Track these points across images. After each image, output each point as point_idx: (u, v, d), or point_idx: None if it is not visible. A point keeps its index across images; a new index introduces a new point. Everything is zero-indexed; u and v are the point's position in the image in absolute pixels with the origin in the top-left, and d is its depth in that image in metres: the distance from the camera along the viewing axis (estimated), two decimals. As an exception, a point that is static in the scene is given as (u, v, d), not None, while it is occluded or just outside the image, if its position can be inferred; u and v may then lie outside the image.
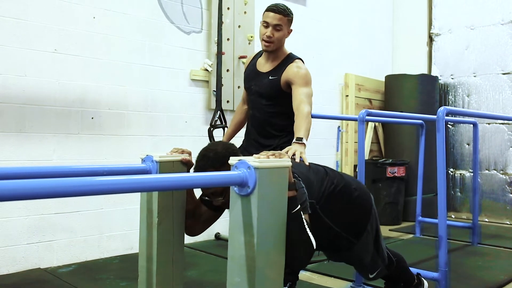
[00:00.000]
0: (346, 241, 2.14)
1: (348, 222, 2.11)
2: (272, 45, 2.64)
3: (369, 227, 2.18)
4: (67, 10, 3.44)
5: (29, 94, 3.27)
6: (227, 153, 1.80)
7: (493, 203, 5.64)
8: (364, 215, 2.19)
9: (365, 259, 2.24)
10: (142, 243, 1.98)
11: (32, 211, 3.28)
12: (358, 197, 2.16)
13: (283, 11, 2.62)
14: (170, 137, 4.01)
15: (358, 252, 2.19)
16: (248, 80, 2.83)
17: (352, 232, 2.13)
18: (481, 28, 5.81)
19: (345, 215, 2.09)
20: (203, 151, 1.89)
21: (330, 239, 2.11)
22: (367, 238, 2.18)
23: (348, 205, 2.11)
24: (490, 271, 3.46)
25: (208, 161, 1.83)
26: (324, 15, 5.47)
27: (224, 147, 1.89)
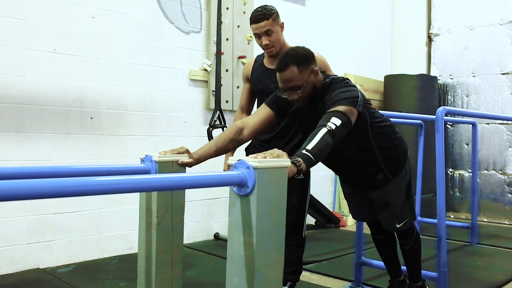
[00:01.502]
0: (383, 176, 2.26)
1: (388, 155, 2.25)
2: (274, 48, 2.62)
3: (403, 170, 2.31)
4: (66, 10, 3.44)
5: (28, 94, 3.27)
6: (308, 53, 2.08)
7: (492, 203, 5.65)
8: (402, 156, 2.34)
9: (396, 203, 2.31)
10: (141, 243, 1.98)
11: (31, 211, 3.28)
12: (400, 139, 2.34)
13: (263, 17, 2.56)
14: (169, 137, 4.01)
15: (391, 191, 2.29)
16: (260, 81, 2.73)
17: (389, 167, 2.26)
18: (480, 28, 5.82)
19: (387, 147, 2.24)
20: (285, 51, 2.11)
21: (370, 171, 2.25)
22: (401, 180, 2.31)
23: (391, 140, 2.28)
24: (489, 271, 3.46)
25: (291, 58, 2.03)
26: (323, 15, 5.47)
27: (304, 49, 2.10)
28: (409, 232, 2.46)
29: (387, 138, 2.25)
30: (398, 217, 2.34)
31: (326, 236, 4.65)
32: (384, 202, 2.32)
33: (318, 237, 4.55)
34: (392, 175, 2.27)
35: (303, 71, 2.05)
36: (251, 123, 2.15)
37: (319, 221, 5.07)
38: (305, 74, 2.05)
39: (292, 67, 2.02)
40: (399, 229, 2.39)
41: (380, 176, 2.25)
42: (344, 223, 5.17)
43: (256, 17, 2.58)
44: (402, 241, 2.50)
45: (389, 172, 2.26)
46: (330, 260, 3.66)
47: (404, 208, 2.34)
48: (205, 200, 4.26)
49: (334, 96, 2.00)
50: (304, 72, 2.05)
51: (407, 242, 2.48)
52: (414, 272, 2.59)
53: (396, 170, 2.28)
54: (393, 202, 2.31)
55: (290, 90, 2.06)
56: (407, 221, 2.36)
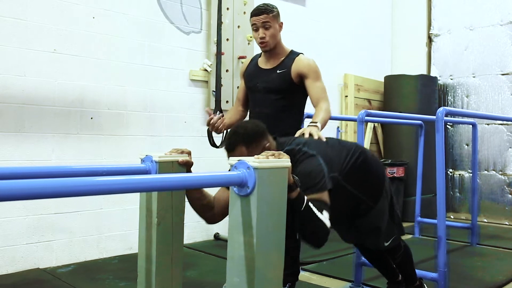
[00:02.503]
0: (365, 205, 2.23)
1: (366, 187, 2.21)
2: (268, 43, 2.69)
3: (384, 192, 2.28)
4: (66, 10, 3.44)
5: (28, 94, 3.27)
6: (258, 130, 1.93)
7: (492, 204, 5.65)
8: (379, 180, 2.30)
9: (381, 225, 2.30)
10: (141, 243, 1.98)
11: (31, 211, 3.28)
12: (373, 164, 2.28)
13: (265, 10, 2.67)
14: (169, 137, 4.01)
15: (375, 216, 2.27)
16: (251, 79, 2.81)
17: (370, 196, 2.23)
18: (480, 28, 5.82)
19: (363, 180, 2.19)
20: (234, 128, 1.99)
21: (351, 205, 2.20)
22: (383, 203, 2.28)
23: (365, 171, 2.20)
24: (489, 271, 3.46)
25: (239, 137, 1.91)
26: (323, 15, 5.47)
27: (254, 124, 1.98)
28: (396, 248, 2.44)
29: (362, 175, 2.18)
30: (385, 236, 2.34)
31: (326, 236, 4.64)
32: (370, 227, 2.31)
33: (318, 238, 4.55)
34: (374, 202, 2.24)
35: (253, 150, 1.88)
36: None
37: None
38: (255, 153, 1.78)
39: (240, 148, 1.90)
40: (388, 247, 2.38)
41: (362, 206, 2.23)
42: (344, 224, 5.16)
43: (258, 10, 2.69)
44: (390, 256, 2.51)
45: (370, 201, 2.23)
46: (330, 261, 3.66)
47: (390, 227, 2.33)
48: (205, 200, 4.25)
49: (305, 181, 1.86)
50: (254, 151, 1.87)
51: (396, 257, 2.49)
52: (409, 277, 2.59)
53: (377, 196, 2.25)
54: (379, 225, 2.30)
55: None
56: (394, 238, 2.36)
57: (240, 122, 2.09)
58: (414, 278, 2.60)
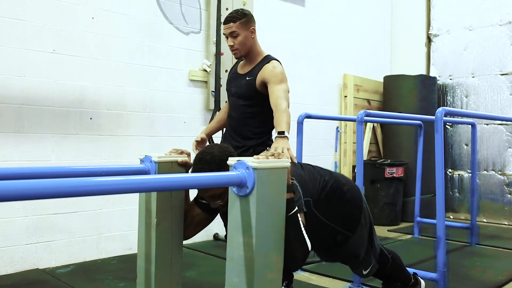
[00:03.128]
0: (341, 235, 2.16)
1: (341, 217, 2.14)
2: (238, 51, 2.69)
3: (362, 220, 2.21)
4: (66, 11, 3.44)
5: (28, 95, 3.27)
6: (224, 156, 1.80)
7: (491, 204, 5.65)
8: (356, 209, 2.21)
9: (360, 253, 2.25)
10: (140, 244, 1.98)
11: (31, 212, 3.28)
12: (349, 192, 2.18)
13: (232, 19, 2.65)
14: (168, 137, 4.01)
15: (353, 245, 2.21)
16: (229, 82, 2.87)
17: (346, 226, 2.16)
18: (479, 29, 5.82)
19: (338, 210, 2.12)
20: (200, 155, 1.89)
21: (326, 235, 2.13)
22: (361, 231, 2.22)
23: (340, 200, 2.13)
24: (488, 271, 3.46)
25: (205, 165, 1.82)
26: (323, 16, 5.47)
27: (220, 150, 1.88)
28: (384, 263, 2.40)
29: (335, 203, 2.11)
30: (363, 264, 2.31)
31: (325, 236, 4.65)
32: (348, 255, 2.29)
33: (318, 238, 4.55)
34: (351, 232, 2.18)
35: None
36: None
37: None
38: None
39: None
40: (367, 275, 2.36)
41: (339, 237, 2.17)
42: (344, 224, 5.16)
43: (226, 19, 2.68)
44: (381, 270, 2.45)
45: (347, 231, 2.17)
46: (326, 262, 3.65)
47: (368, 255, 2.29)
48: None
49: None
50: None
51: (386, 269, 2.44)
52: (402, 279, 2.58)
53: (354, 225, 2.20)
54: (357, 253, 2.26)
55: (209, 198, 1.86)
56: (372, 267, 2.32)
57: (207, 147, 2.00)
58: (408, 277, 2.60)
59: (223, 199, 1.83)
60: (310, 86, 5.24)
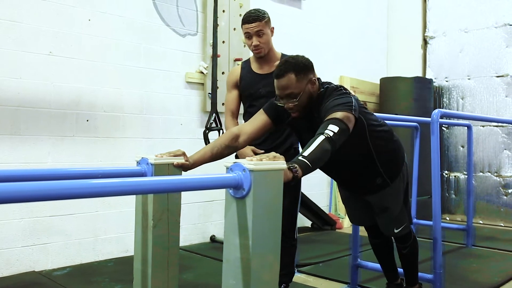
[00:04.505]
0: (382, 180, 2.25)
1: (386, 159, 2.24)
2: (263, 50, 2.71)
3: (401, 175, 2.32)
4: (62, 13, 3.44)
5: (24, 97, 3.27)
6: (307, 63, 2.10)
7: (487, 205, 5.67)
8: (400, 160, 2.34)
9: (394, 208, 2.32)
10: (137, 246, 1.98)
11: (27, 214, 3.27)
12: (397, 143, 2.33)
13: (257, 18, 2.66)
14: (165, 139, 4.01)
15: (389, 195, 2.29)
16: (250, 86, 2.78)
17: (388, 171, 2.25)
18: (475, 31, 5.85)
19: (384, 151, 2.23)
20: (285, 58, 2.11)
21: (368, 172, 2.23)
22: (399, 185, 2.31)
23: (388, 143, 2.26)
24: (485, 273, 3.48)
25: (290, 65, 2.04)
26: (319, 18, 5.49)
27: (304, 58, 2.12)
28: (406, 236, 2.46)
29: (385, 143, 2.23)
30: (396, 222, 2.35)
31: (322, 238, 4.66)
32: (383, 207, 2.33)
33: (314, 239, 4.56)
34: (390, 179, 2.27)
35: (301, 79, 2.06)
36: (248, 131, 2.14)
37: (315, 224, 5.07)
38: (302, 83, 2.06)
39: (290, 75, 2.03)
40: (397, 234, 2.40)
41: (378, 180, 2.25)
42: (340, 225, 5.17)
43: (250, 17, 2.67)
44: (400, 244, 2.51)
45: (387, 176, 2.25)
46: (326, 263, 3.66)
47: (402, 213, 2.35)
48: (201, 202, 4.25)
49: (329, 104, 2.00)
50: (301, 80, 2.06)
51: (405, 246, 2.49)
52: (412, 275, 2.60)
53: (395, 175, 2.28)
54: (391, 206, 2.31)
55: (286, 97, 2.06)
56: (405, 226, 2.38)
57: (290, 56, 2.16)
58: (416, 279, 2.60)
59: (298, 99, 2.04)
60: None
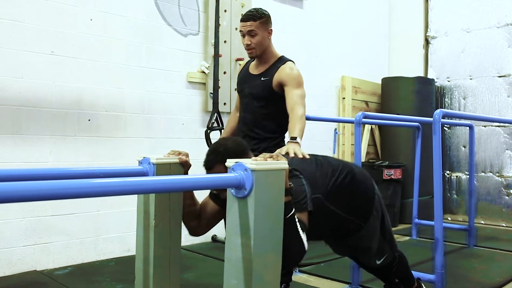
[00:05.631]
0: (354, 225, 2.19)
1: (354, 207, 2.15)
2: (254, 51, 2.66)
3: (374, 211, 2.23)
4: (64, 12, 3.44)
5: (26, 96, 3.27)
6: (237, 149, 1.85)
7: (489, 205, 5.66)
8: (368, 200, 2.23)
9: (372, 244, 2.27)
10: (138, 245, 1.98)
11: (29, 213, 3.27)
12: (361, 183, 2.21)
13: (252, 17, 2.62)
14: (167, 139, 4.01)
15: (365, 236, 2.24)
16: (241, 83, 2.84)
17: (358, 216, 2.18)
18: (477, 31, 5.84)
19: (350, 201, 2.14)
20: (214, 146, 1.92)
21: (339, 225, 2.15)
22: (373, 222, 2.24)
23: (352, 191, 2.15)
24: (486, 273, 3.47)
25: (218, 156, 1.84)
26: (321, 17, 5.48)
27: (235, 143, 1.91)
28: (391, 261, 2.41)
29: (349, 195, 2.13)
30: (377, 255, 2.32)
31: (323, 238, 4.65)
32: (361, 246, 2.30)
33: (316, 239, 4.55)
34: (363, 222, 2.20)
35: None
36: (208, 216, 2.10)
37: (317, 223, 5.06)
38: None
39: (219, 167, 1.81)
40: (380, 265, 2.36)
41: (351, 226, 2.19)
42: (342, 225, 5.16)
43: (245, 16, 2.64)
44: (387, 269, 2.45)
45: (359, 220, 2.19)
46: (328, 262, 3.66)
47: (381, 246, 2.31)
48: (203, 202, 4.25)
49: None
50: None
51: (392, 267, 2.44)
52: (406, 280, 2.58)
53: (367, 215, 2.21)
54: (369, 244, 2.27)
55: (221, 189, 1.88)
56: (386, 256, 2.34)
57: (220, 139, 2.02)
58: (412, 280, 2.60)
59: None
60: (308, 87, 5.18)
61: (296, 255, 1.77)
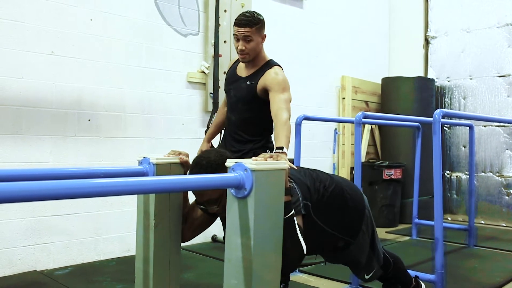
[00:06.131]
0: (342, 241, 2.15)
1: (342, 223, 2.11)
2: (247, 56, 2.62)
3: (364, 227, 2.18)
4: (64, 12, 3.44)
5: (26, 96, 3.27)
6: (220, 161, 1.80)
7: (489, 205, 5.66)
8: (358, 216, 2.18)
9: (361, 259, 2.24)
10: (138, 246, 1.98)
11: (29, 213, 3.27)
12: (350, 199, 2.15)
13: (248, 23, 2.55)
14: (167, 139, 4.01)
15: (354, 251, 2.20)
16: (227, 83, 2.82)
17: (346, 233, 2.14)
18: (477, 31, 5.84)
19: (338, 217, 2.09)
20: (197, 159, 1.89)
21: (327, 241, 2.11)
22: (363, 238, 2.19)
23: (340, 207, 2.10)
24: (486, 273, 3.47)
25: (201, 169, 1.82)
26: (321, 17, 5.48)
27: (217, 155, 1.87)
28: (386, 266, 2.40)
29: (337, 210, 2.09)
30: (365, 269, 2.30)
31: (323, 238, 4.65)
32: (350, 261, 2.29)
33: (316, 239, 4.55)
34: (352, 238, 2.17)
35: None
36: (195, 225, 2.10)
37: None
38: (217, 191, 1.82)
39: None
40: (369, 280, 2.34)
41: (340, 243, 2.16)
42: (342, 225, 5.16)
43: (241, 21, 2.57)
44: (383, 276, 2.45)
45: (348, 237, 2.16)
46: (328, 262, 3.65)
47: (370, 261, 2.27)
48: (203, 202, 4.25)
49: None
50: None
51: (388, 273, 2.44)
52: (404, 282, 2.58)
53: (355, 233, 2.17)
54: (358, 259, 2.25)
55: (206, 203, 1.88)
56: (375, 272, 2.30)
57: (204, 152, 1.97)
58: (409, 280, 2.60)
59: (219, 205, 1.84)
60: (308, 87, 5.25)
61: (295, 257, 1.76)
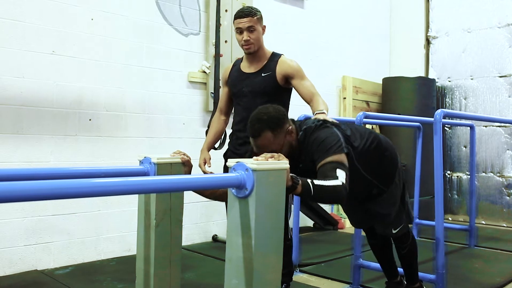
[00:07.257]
0: (377, 189, 2.28)
1: (379, 172, 2.26)
2: (252, 46, 2.68)
3: (396, 179, 2.34)
4: (65, 12, 3.45)
5: (27, 96, 3.27)
6: (280, 115, 1.97)
7: (490, 206, 5.65)
8: (392, 167, 2.34)
9: (391, 211, 2.35)
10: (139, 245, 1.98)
11: (29, 213, 3.28)
12: (387, 151, 2.32)
13: (249, 13, 2.66)
14: (167, 139, 4.01)
15: (386, 201, 2.32)
16: (235, 84, 2.80)
17: (382, 181, 2.28)
18: (478, 31, 5.84)
19: (376, 165, 2.24)
20: (256, 115, 1.97)
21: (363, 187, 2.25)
22: (395, 189, 2.34)
23: (378, 157, 2.26)
24: (487, 273, 3.47)
25: (264, 124, 1.93)
26: (322, 17, 5.48)
27: (275, 109, 1.99)
28: (405, 237, 2.51)
29: (375, 160, 2.25)
30: (394, 223, 2.42)
31: (324, 238, 4.65)
32: (381, 211, 2.37)
33: (316, 240, 4.55)
34: (386, 187, 2.31)
35: (278, 134, 1.97)
36: None
37: (317, 223, 5.07)
38: (280, 138, 1.97)
39: (266, 133, 1.94)
40: (396, 235, 2.46)
41: (374, 191, 2.30)
42: (342, 225, 5.17)
43: (242, 13, 2.67)
44: (399, 245, 2.56)
45: (382, 185, 2.30)
46: (328, 262, 3.66)
47: (399, 215, 2.41)
48: (204, 202, 4.23)
49: (320, 147, 1.95)
50: (279, 136, 1.97)
51: (404, 246, 2.53)
52: (411, 274, 2.61)
53: (389, 181, 2.32)
54: (389, 210, 2.36)
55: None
56: (403, 226, 2.44)
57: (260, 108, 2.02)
58: (416, 277, 2.61)
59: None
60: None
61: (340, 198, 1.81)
